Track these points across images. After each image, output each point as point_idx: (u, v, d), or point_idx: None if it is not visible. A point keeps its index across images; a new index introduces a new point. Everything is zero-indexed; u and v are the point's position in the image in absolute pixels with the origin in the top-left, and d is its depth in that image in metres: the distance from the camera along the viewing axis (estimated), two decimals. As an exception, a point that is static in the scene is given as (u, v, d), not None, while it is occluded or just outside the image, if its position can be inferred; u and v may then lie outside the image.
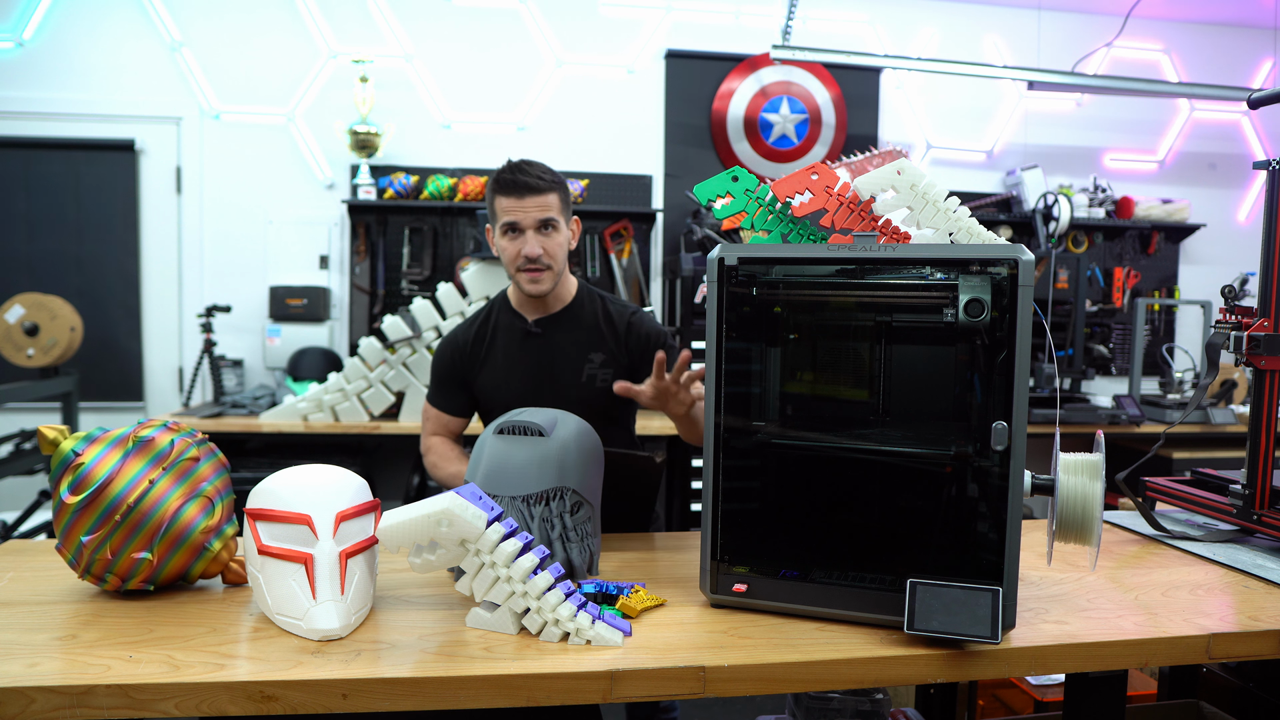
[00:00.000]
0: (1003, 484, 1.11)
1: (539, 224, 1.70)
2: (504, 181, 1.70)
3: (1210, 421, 3.99)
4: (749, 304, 1.23)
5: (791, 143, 4.58)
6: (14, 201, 4.14)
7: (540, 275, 1.72)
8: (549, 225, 1.71)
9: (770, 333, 1.25)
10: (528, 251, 1.70)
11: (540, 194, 1.69)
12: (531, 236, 1.70)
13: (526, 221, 1.70)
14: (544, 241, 1.71)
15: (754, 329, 1.24)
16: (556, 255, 1.73)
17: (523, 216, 1.69)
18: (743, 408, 1.25)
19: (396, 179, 4.18)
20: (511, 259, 1.73)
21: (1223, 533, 1.62)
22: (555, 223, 1.72)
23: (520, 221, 1.70)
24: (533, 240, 1.70)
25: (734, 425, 1.24)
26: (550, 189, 1.71)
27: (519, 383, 1.79)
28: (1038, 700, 1.87)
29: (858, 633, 1.14)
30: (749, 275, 1.22)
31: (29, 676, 0.98)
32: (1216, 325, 1.60)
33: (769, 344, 1.26)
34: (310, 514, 1.14)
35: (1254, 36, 5.05)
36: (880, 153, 1.42)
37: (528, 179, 1.69)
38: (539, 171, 1.71)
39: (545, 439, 1.32)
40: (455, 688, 1.01)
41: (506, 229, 1.72)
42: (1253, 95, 1.68)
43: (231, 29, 4.21)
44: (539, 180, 1.69)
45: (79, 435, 1.23)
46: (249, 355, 4.26)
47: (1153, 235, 4.93)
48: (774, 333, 1.25)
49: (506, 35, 4.39)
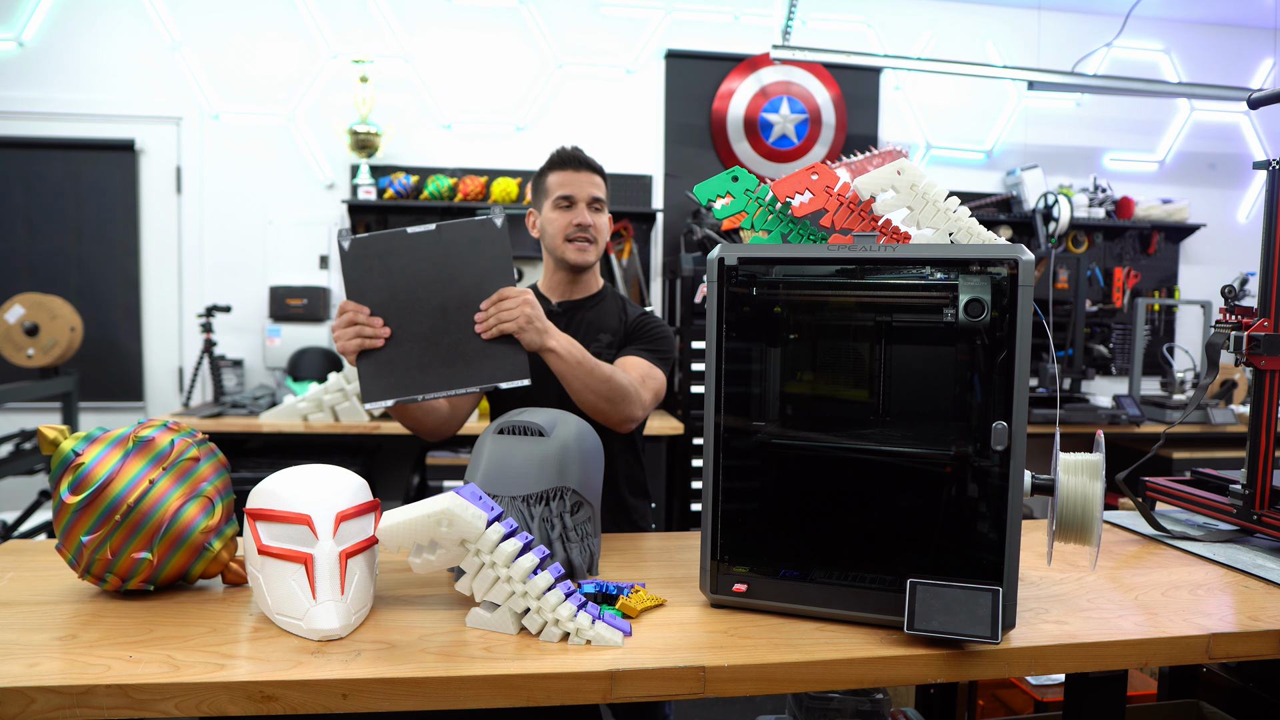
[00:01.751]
0: (1003, 484, 1.11)
1: (591, 199, 1.81)
2: (564, 157, 1.83)
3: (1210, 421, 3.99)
4: (749, 304, 1.23)
5: (791, 143, 4.58)
6: (14, 201, 4.14)
7: (587, 246, 1.81)
8: (598, 204, 1.82)
9: (770, 333, 1.25)
10: (579, 220, 1.78)
11: (595, 173, 1.83)
12: (583, 209, 1.80)
13: (581, 195, 1.80)
14: (594, 217, 1.81)
15: (754, 329, 1.24)
16: (602, 232, 1.83)
17: (578, 190, 1.79)
18: (743, 408, 1.25)
19: (396, 179, 4.18)
20: (561, 229, 1.80)
21: (1223, 533, 1.62)
22: (603, 203, 1.84)
23: (575, 194, 1.79)
24: (585, 211, 1.79)
25: (734, 425, 1.24)
26: (600, 173, 1.85)
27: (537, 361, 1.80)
28: (1038, 700, 1.87)
29: (858, 633, 1.14)
30: (749, 275, 1.22)
31: (29, 676, 0.98)
32: (1216, 325, 1.60)
33: (769, 344, 1.26)
34: (310, 514, 1.14)
35: (1254, 36, 5.05)
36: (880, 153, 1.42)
37: (584, 158, 1.82)
38: (590, 156, 1.85)
39: (545, 439, 1.32)
40: (455, 688, 1.01)
41: (560, 201, 1.80)
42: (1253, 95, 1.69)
43: (231, 29, 4.21)
44: (593, 161, 1.84)
45: (79, 435, 1.23)
46: (249, 355, 4.26)
47: (1153, 235, 4.93)
48: (774, 333, 1.25)
49: (506, 35, 4.39)
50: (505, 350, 1.45)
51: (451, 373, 1.44)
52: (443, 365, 1.44)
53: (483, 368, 1.45)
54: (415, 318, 1.43)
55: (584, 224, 1.78)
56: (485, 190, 4.24)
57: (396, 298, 1.43)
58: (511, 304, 1.44)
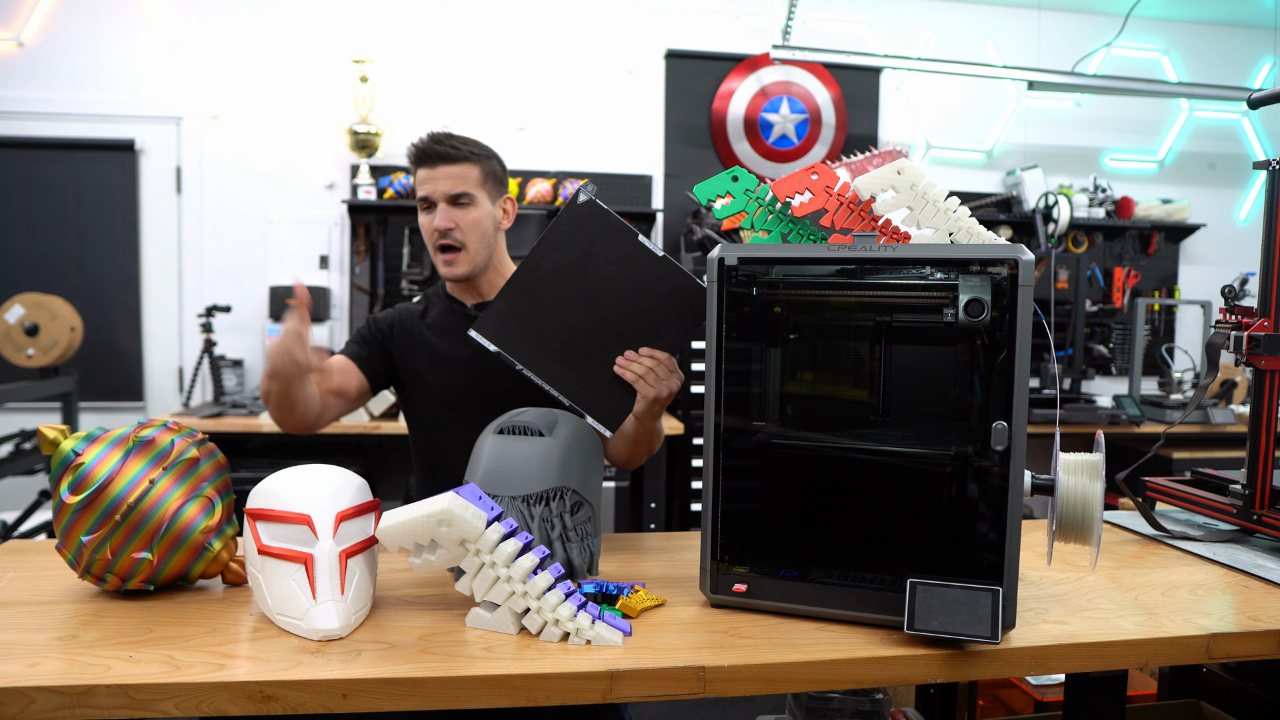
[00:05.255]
0: (1003, 484, 1.11)
1: (450, 197, 1.56)
2: (419, 152, 1.57)
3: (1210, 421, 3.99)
4: (749, 304, 1.23)
5: (791, 143, 4.58)
6: (14, 201, 4.14)
7: (454, 257, 1.58)
8: (463, 198, 1.57)
9: (770, 333, 1.25)
10: (437, 224, 1.56)
11: (453, 163, 1.55)
12: (443, 209, 1.56)
13: (437, 193, 1.56)
14: (456, 215, 1.56)
15: (754, 329, 1.24)
16: (471, 232, 1.58)
17: (433, 189, 1.56)
18: (743, 408, 1.25)
19: (396, 179, 4.18)
20: (428, 236, 1.59)
21: (1223, 533, 1.62)
22: (471, 197, 1.57)
23: (430, 194, 1.56)
24: (443, 213, 1.56)
25: (734, 425, 1.24)
26: (468, 159, 1.56)
27: (456, 367, 1.65)
28: (1038, 700, 1.87)
29: (858, 633, 1.14)
30: (749, 275, 1.22)
31: (29, 676, 0.98)
32: (1216, 325, 1.60)
33: (769, 344, 1.26)
34: (310, 514, 1.14)
35: (1254, 36, 5.05)
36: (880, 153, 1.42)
37: (441, 148, 1.55)
38: (456, 141, 1.57)
39: (545, 439, 1.32)
40: (455, 688, 1.01)
41: (420, 203, 1.59)
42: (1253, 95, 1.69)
43: (231, 29, 4.21)
44: (452, 150, 1.56)
45: (79, 435, 1.23)
46: (249, 355, 4.26)
47: (1153, 235, 4.93)
48: (774, 333, 1.25)
49: (506, 35, 4.39)
50: (619, 395, 1.41)
51: (562, 372, 1.40)
52: (561, 361, 1.40)
53: (588, 392, 1.41)
54: (579, 306, 1.38)
55: (443, 228, 1.55)
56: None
57: (578, 277, 1.37)
58: (663, 371, 1.38)
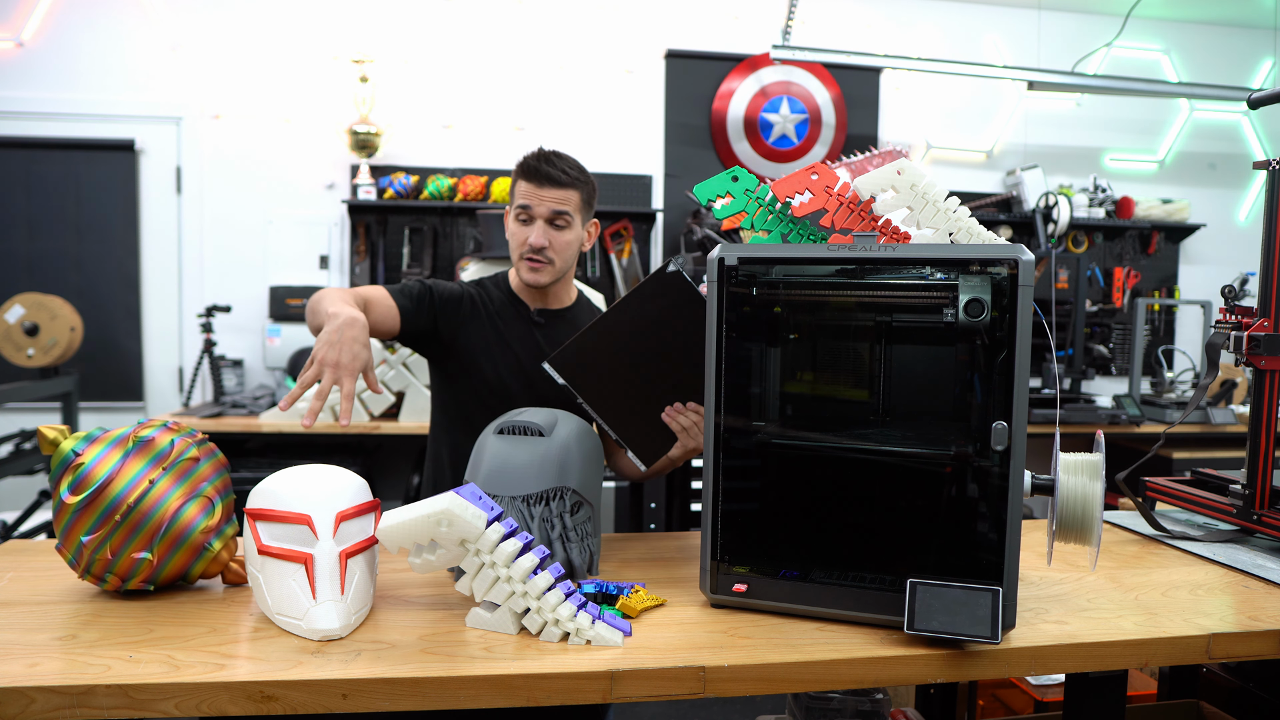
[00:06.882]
0: (1003, 484, 1.11)
1: (551, 215, 1.69)
2: (528, 167, 1.70)
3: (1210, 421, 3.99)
4: (749, 304, 1.23)
5: (791, 143, 4.58)
6: (14, 201, 4.14)
7: (540, 267, 1.71)
8: (561, 219, 1.70)
9: (770, 333, 1.25)
10: (533, 241, 1.68)
11: (560, 187, 1.68)
12: (540, 226, 1.69)
13: (539, 210, 1.69)
14: (552, 235, 1.70)
15: (754, 329, 1.24)
16: (562, 252, 1.72)
17: (537, 205, 1.68)
18: (743, 408, 1.25)
19: (396, 179, 4.18)
20: (518, 244, 1.72)
21: (1223, 533, 1.62)
22: (568, 218, 1.70)
23: (533, 208, 1.69)
24: (540, 230, 1.69)
25: (734, 425, 1.24)
26: (572, 185, 1.70)
27: (513, 362, 1.75)
28: (1038, 700, 1.87)
29: (858, 633, 1.14)
30: (749, 275, 1.22)
31: (29, 676, 0.98)
32: (1216, 325, 1.60)
33: (769, 344, 1.26)
34: (310, 514, 1.14)
35: (1254, 36, 5.05)
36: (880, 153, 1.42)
37: (551, 170, 1.68)
38: (565, 165, 1.71)
39: (545, 439, 1.32)
40: (455, 688, 1.01)
41: (519, 212, 1.71)
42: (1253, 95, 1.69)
43: (231, 29, 4.21)
44: (562, 174, 1.69)
45: (79, 435, 1.23)
46: (249, 355, 4.26)
47: (1153, 235, 4.93)
48: (774, 333, 1.25)
49: (506, 35, 4.39)
50: (661, 439, 1.50)
51: (618, 411, 1.49)
52: (619, 401, 1.49)
53: (635, 431, 1.49)
54: (646, 359, 1.47)
55: (536, 245, 1.68)
56: (485, 190, 4.25)
57: (651, 335, 1.46)
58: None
